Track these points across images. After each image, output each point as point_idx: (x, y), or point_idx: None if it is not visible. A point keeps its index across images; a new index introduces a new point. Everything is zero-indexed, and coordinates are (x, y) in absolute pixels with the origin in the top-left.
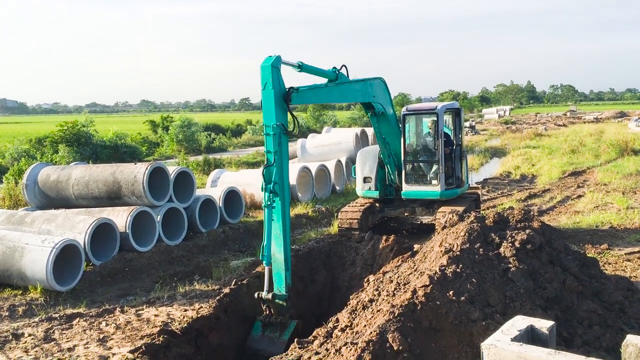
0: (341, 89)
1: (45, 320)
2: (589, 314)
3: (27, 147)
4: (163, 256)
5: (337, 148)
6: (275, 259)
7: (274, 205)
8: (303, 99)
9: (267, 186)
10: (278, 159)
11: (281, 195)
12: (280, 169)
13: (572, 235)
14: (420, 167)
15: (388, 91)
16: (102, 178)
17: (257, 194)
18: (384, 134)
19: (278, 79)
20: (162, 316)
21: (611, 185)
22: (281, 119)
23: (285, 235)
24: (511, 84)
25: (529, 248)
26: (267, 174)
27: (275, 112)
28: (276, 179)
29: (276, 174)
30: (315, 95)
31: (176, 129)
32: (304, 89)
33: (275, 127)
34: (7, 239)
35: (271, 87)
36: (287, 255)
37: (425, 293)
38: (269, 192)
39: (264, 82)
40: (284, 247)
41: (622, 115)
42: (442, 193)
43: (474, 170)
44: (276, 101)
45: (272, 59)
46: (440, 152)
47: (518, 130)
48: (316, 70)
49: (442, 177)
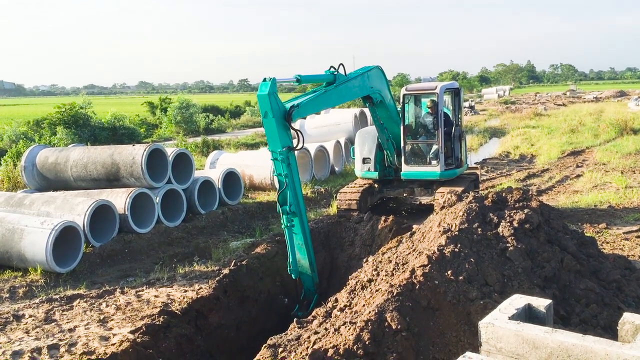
0: (339, 91)
1: (45, 302)
2: (586, 292)
3: (25, 129)
4: (162, 237)
5: (336, 129)
6: (301, 265)
7: (294, 224)
8: (303, 112)
9: (283, 208)
10: (290, 180)
11: (297, 211)
12: (293, 188)
13: (571, 214)
14: (420, 147)
15: (385, 78)
16: (101, 160)
17: (255, 175)
18: (382, 119)
19: (277, 104)
20: (162, 297)
21: (610, 165)
22: (286, 142)
23: (307, 244)
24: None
25: (527, 227)
26: (282, 198)
27: (279, 138)
28: (291, 200)
29: (290, 196)
30: (316, 105)
31: (174, 110)
32: (303, 103)
33: (282, 152)
34: (7, 221)
35: (272, 116)
36: (311, 260)
37: (423, 273)
38: (286, 214)
39: (263, 111)
40: (307, 255)
41: (622, 94)
42: (441, 173)
43: (473, 151)
44: (278, 127)
45: (268, 85)
46: (440, 133)
47: (517, 110)
48: (314, 78)
49: (442, 158)
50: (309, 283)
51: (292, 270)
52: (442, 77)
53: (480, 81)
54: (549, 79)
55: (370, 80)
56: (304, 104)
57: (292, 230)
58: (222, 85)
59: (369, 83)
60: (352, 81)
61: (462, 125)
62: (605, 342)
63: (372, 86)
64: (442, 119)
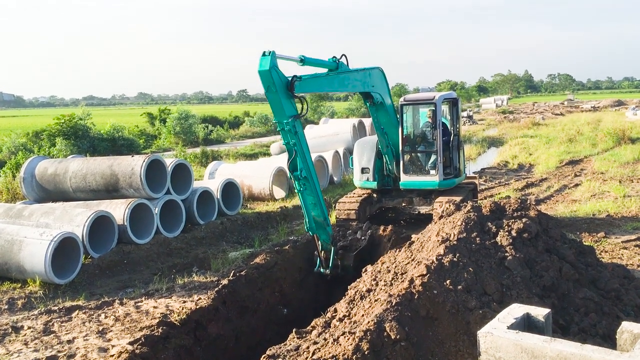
0: (342, 78)
1: (44, 313)
2: (585, 301)
3: (25, 141)
4: (161, 248)
5: (335, 139)
6: (317, 222)
7: (306, 187)
8: (305, 88)
9: (295, 174)
10: (298, 147)
11: (309, 176)
12: (302, 153)
13: (569, 223)
14: (418, 157)
15: (386, 81)
16: (100, 171)
17: (254, 186)
18: (382, 124)
19: (279, 77)
20: (161, 308)
21: (608, 174)
22: (291, 112)
23: (320, 202)
24: (508, 74)
25: (526, 237)
26: (292, 165)
27: (284, 108)
28: (302, 166)
29: (300, 161)
30: (317, 84)
31: (173, 121)
32: (306, 77)
33: (289, 122)
34: (6, 232)
35: (275, 90)
36: (325, 216)
37: (422, 282)
38: (298, 180)
39: (266, 86)
40: (321, 211)
41: (620, 103)
42: (440, 183)
43: (471, 160)
44: (283, 98)
45: (268, 60)
46: (439, 142)
47: (515, 120)
48: (318, 62)
49: (440, 167)
50: (325, 237)
51: (309, 229)
52: (440, 87)
53: (478, 91)
54: (546, 88)
55: (371, 79)
56: (306, 78)
57: (305, 194)
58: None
59: (371, 81)
60: (354, 74)
61: (460, 135)
62: (604, 352)
63: (374, 85)
64: (440, 128)
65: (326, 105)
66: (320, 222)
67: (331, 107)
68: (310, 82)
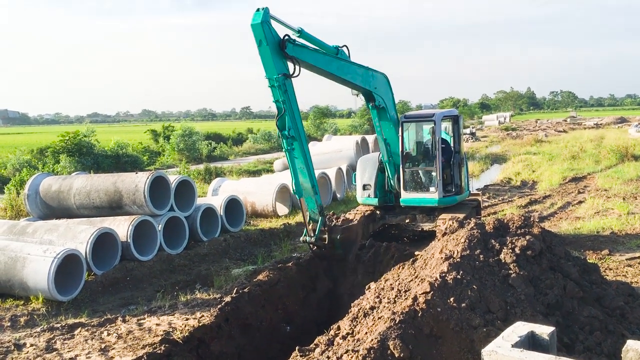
0: (340, 64)
1: (47, 330)
2: (590, 319)
3: (29, 158)
4: (164, 265)
5: (338, 156)
6: (305, 188)
7: (294, 147)
8: (300, 54)
9: (283, 133)
10: (287, 105)
11: (297, 135)
12: (292, 113)
13: (573, 241)
14: (419, 174)
15: (391, 89)
16: (104, 188)
17: (258, 202)
18: (385, 134)
19: (271, 32)
20: (164, 325)
21: (612, 191)
22: (281, 69)
23: (308, 167)
24: (511, 91)
25: (529, 254)
26: (280, 123)
27: (274, 64)
28: (290, 124)
29: (289, 120)
30: (313, 56)
31: (177, 138)
32: (300, 43)
33: (278, 78)
34: (9, 249)
35: (266, 44)
36: (313, 183)
37: (426, 300)
38: (286, 138)
39: (258, 40)
40: (309, 177)
41: (622, 120)
42: (440, 200)
43: (474, 177)
44: (273, 54)
45: (261, 14)
46: (438, 159)
47: (518, 137)
48: (317, 40)
49: (440, 184)
50: (312, 205)
51: (296, 192)
52: (443, 104)
53: (480, 108)
54: (549, 105)
55: (374, 80)
56: (301, 45)
57: (293, 154)
58: (225, 113)
59: (373, 82)
60: (356, 67)
61: (461, 152)
62: None
63: (376, 87)
64: (439, 145)
65: (329, 122)
66: (308, 189)
67: (334, 124)
68: (305, 51)
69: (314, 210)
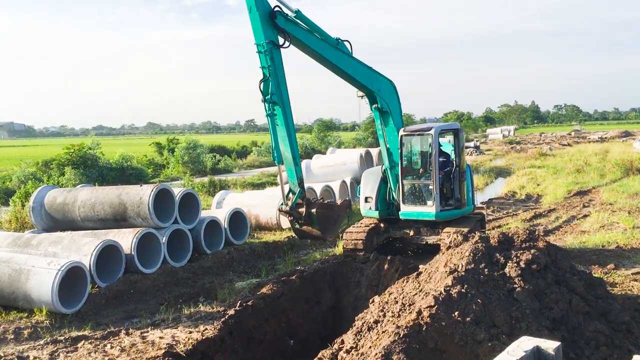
0: (340, 55)
1: (50, 343)
2: (595, 334)
3: (34, 170)
4: (168, 278)
5: (342, 169)
6: (285, 158)
7: (275, 113)
8: (292, 30)
9: (266, 98)
10: (272, 71)
11: (280, 102)
12: (276, 80)
13: (578, 255)
14: (417, 187)
15: (397, 97)
16: (108, 200)
17: (262, 215)
18: (388, 142)
19: (262, 1)
20: (167, 338)
21: (617, 205)
22: (270, 36)
23: (290, 136)
24: (515, 104)
25: (535, 268)
26: (264, 88)
27: (263, 31)
28: (273, 90)
29: (273, 85)
30: (307, 38)
31: (182, 150)
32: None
33: (265, 45)
34: (14, 261)
35: (256, 10)
36: (294, 154)
37: (430, 314)
38: (268, 103)
39: (249, 6)
40: (290, 147)
41: (627, 134)
42: (437, 214)
43: (478, 190)
44: (262, 21)
45: None
46: (435, 173)
47: (523, 150)
48: (314, 25)
49: (437, 198)
50: (292, 176)
51: (274, 158)
52: (447, 117)
53: (484, 121)
54: (553, 119)
55: (378, 83)
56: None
57: (275, 120)
58: (229, 126)
59: (377, 84)
60: (357, 62)
61: (462, 165)
62: None
63: (380, 89)
64: (437, 159)
65: (333, 135)
66: (289, 159)
67: (338, 137)
68: (299, 29)
69: (293, 181)
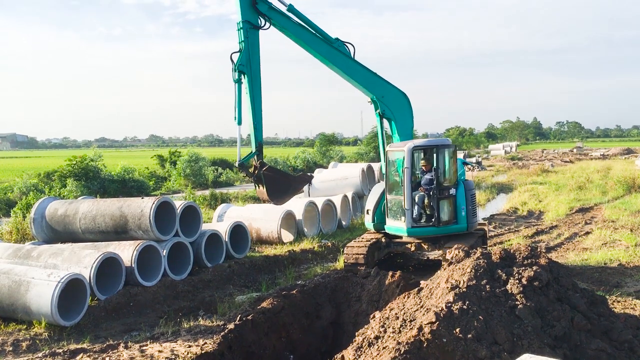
0: (335, 54)
1: (48, 356)
2: (598, 352)
3: (36, 181)
4: (168, 291)
5: (344, 183)
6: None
7: (242, 81)
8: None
9: (234, 66)
10: (245, 46)
11: (248, 73)
12: (248, 54)
13: (580, 272)
14: (396, 202)
15: (409, 110)
16: (109, 212)
17: (263, 229)
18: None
19: None
20: (166, 352)
21: (619, 222)
22: (247, 17)
23: (253, 104)
24: (517, 121)
25: (536, 285)
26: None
27: (242, 11)
28: (243, 62)
29: (243, 57)
30: (296, 29)
31: (184, 163)
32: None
33: (242, 23)
34: (13, 273)
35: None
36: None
37: (431, 330)
38: (236, 71)
39: None
40: (253, 113)
41: (629, 152)
42: (409, 230)
43: (480, 206)
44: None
45: None
46: (406, 189)
47: (524, 166)
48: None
49: (409, 214)
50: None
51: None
52: (449, 132)
53: (487, 137)
54: (555, 135)
55: (383, 89)
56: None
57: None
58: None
59: (381, 90)
60: (357, 65)
61: (450, 182)
62: None
63: (384, 96)
64: (409, 176)
65: (335, 150)
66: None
67: (340, 152)
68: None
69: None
